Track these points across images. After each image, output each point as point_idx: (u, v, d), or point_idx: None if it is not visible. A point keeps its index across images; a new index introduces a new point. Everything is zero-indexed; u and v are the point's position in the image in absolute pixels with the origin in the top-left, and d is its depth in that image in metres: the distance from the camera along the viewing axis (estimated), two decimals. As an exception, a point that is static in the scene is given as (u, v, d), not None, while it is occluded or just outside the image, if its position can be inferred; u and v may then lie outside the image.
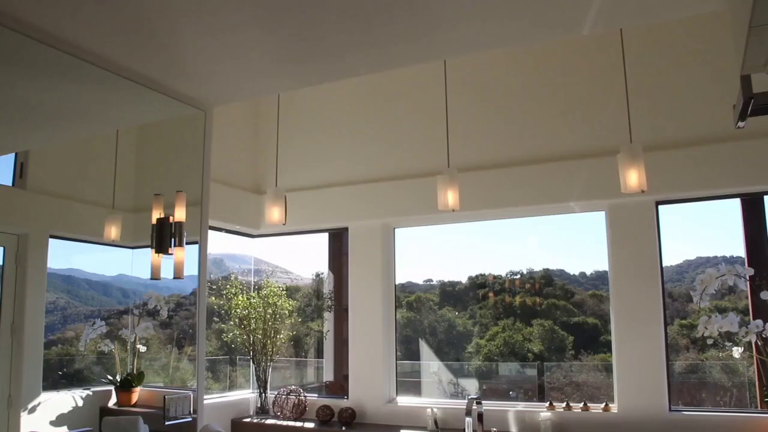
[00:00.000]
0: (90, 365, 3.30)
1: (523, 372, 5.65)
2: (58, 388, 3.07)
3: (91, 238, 3.29)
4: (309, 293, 6.26)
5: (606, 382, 5.06)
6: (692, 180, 4.43)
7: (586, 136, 4.79)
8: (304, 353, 6.39)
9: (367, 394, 5.37)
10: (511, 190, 4.97)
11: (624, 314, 4.58)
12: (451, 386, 5.72)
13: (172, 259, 3.42)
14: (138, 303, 3.53)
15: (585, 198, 4.74)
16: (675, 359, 4.78)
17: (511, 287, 5.83)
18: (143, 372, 3.50)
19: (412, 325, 6.03)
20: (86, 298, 3.30)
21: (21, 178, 2.83)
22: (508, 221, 5.47)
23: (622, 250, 4.63)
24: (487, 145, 5.14)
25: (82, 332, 3.21)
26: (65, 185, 3.16)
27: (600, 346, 5.36)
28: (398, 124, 5.55)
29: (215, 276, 5.82)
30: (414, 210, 5.31)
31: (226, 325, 5.70)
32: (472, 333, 5.90)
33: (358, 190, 5.56)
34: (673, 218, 4.66)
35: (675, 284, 5.03)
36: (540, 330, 5.64)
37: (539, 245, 5.76)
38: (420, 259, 6.06)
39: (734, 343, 4.33)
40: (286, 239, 6.25)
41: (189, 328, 3.76)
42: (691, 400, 4.80)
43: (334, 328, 5.99)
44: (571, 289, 5.68)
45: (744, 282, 4.27)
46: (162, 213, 3.39)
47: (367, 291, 5.49)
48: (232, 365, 6.08)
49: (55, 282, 3.09)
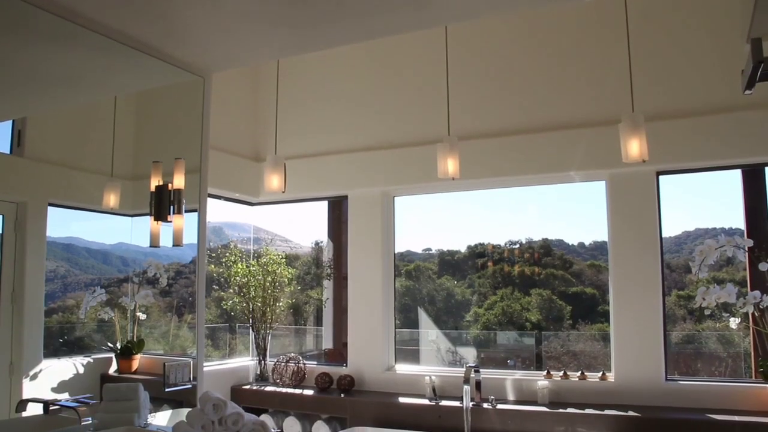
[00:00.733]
0: (90, 333, 3.31)
1: (521, 341, 5.68)
2: (59, 355, 3.09)
3: (90, 206, 3.28)
4: (308, 261, 6.27)
5: (603, 352, 5.10)
6: (693, 150, 4.42)
7: (587, 105, 4.76)
8: (304, 321, 6.42)
9: (365, 361, 5.41)
10: (512, 159, 4.95)
11: (623, 284, 4.60)
12: (450, 354, 5.77)
13: (171, 227, 3.41)
14: (138, 271, 3.53)
15: (585, 167, 4.72)
16: (672, 330, 4.82)
17: (509, 257, 5.84)
18: (143, 339, 3.52)
19: (410, 294, 6.06)
20: (86, 267, 3.30)
21: (19, 145, 2.81)
22: (508, 190, 5.46)
23: (622, 220, 4.63)
24: (488, 113, 5.11)
25: (83, 300, 3.22)
26: (63, 153, 3.14)
27: (597, 316, 5.38)
28: (398, 92, 5.51)
29: (215, 244, 5.83)
30: (414, 178, 5.30)
31: (226, 293, 5.72)
32: (470, 302, 5.93)
33: (358, 158, 5.54)
34: (673, 190, 4.65)
35: (673, 255, 5.05)
36: (538, 299, 5.67)
37: (539, 215, 5.76)
38: (419, 229, 6.06)
39: (731, 313, 4.35)
40: (286, 207, 6.24)
41: (189, 296, 3.77)
42: (686, 370, 4.84)
43: (334, 296, 6.01)
44: (570, 259, 5.69)
45: (743, 253, 4.28)
46: (161, 180, 3.38)
47: (366, 259, 5.51)
48: (231, 333, 6.12)
49: (55, 250, 3.09)
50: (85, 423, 2.87)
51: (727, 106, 4.32)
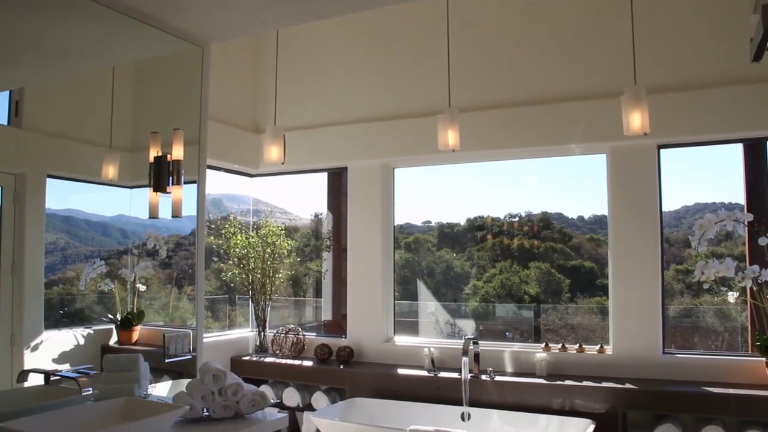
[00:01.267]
0: (91, 304, 3.31)
1: (520, 314, 5.71)
2: (59, 326, 3.09)
3: (89, 177, 3.26)
4: (308, 233, 6.27)
5: (601, 325, 5.12)
6: (695, 124, 4.39)
7: (588, 77, 4.72)
8: (303, 293, 6.44)
9: (365, 333, 5.44)
10: (512, 132, 4.92)
11: (622, 258, 4.60)
12: (448, 326, 5.80)
13: (170, 198, 3.40)
14: (137, 243, 3.53)
15: (586, 140, 4.70)
16: (669, 304, 4.84)
17: (509, 230, 5.84)
18: (143, 311, 3.52)
19: (410, 266, 6.07)
20: (86, 239, 3.29)
21: (16, 116, 2.78)
22: (508, 163, 5.44)
23: (622, 193, 4.62)
24: (488, 85, 5.07)
25: (83, 272, 3.22)
26: (62, 124, 3.12)
27: (596, 289, 5.40)
28: (399, 63, 5.46)
29: (214, 216, 5.82)
30: (414, 150, 5.27)
31: (225, 264, 5.72)
32: (469, 274, 5.95)
33: (358, 130, 5.51)
34: (673, 164, 4.64)
35: (672, 230, 5.05)
36: (537, 272, 5.68)
37: (538, 188, 5.75)
38: (418, 201, 6.06)
39: (729, 288, 4.37)
40: (285, 179, 6.22)
41: (188, 268, 3.78)
42: (683, 343, 4.87)
43: (333, 267, 6.02)
44: (569, 233, 5.69)
45: (742, 228, 4.28)
46: (159, 151, 3.36)
47: (365, 231, 5.50)
48: (231, 305, 6.14)
49: (54, 222, 3.08)
50: (85, 393, 2.89)
51: (729, 80, 4.28)
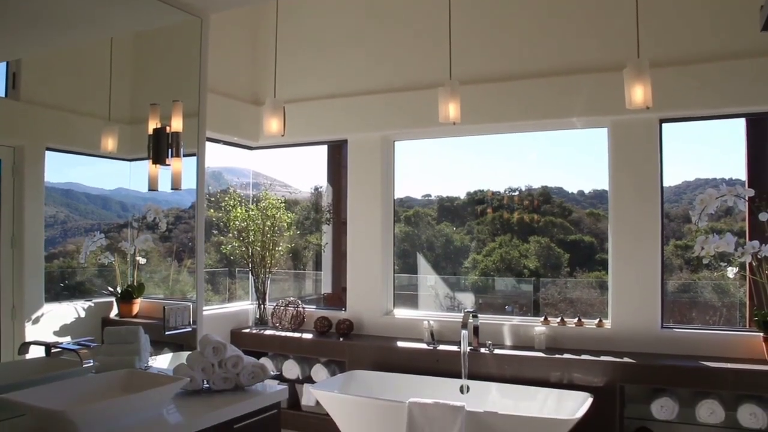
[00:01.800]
0: (91, 277, 3.31)
1: (519, 287, 5.73)
2: (60, 299, 3.10)
3: (88, 150, 3.24)
4: (307, 207, 6.26)
5: (600, 299, 5.14)
6: (698, 98, 4.36)
7: (591, 50, 4.68)
8: (303, 266, 6.46)
9: (364, 306, 5.46)
10: (514, 104, 4.89)
11: (622, 232, 4.60)
12: (448, 300, 5.82)
13: (169, 170, 3.39)
14: (137, 216, 3.52)
15: (588, 114, 4.67)
16: (668, 279, 4.85)
17: (509, 204, 5.84)
18: (143, 284, 3.53)
19: (409, 240, 6.07)
20: (86, 212, 3.28)
21: (14, 88, 2.76)
22: (509, 137, 5.42)
23: (623, 168, 4.61)
24: (490, 58, 5.02)
25: (83, 245, 3.22)
26: (60, 96, 3.09)
27: (595, 264, 5.41)
28: (400, 35, 5.41)
29: (213, 189, 5.81)
30: (414, 123, 5.25)
31: (225, 237, 5.72)
32: (469, 248, 5.95)
33: (358, 102, 5.47)
34: (674, 139, 4.61)
35: (672, 205, 5.04)
36: (536, 247, 5.69)
37: (539, 162, 5.74)
38: (418, 174, 6.05)
39: (729, 263, 4.37)
40: (285, 152, 6.20)
41: (188, 241, 3.77)
42: (681, 318, 4.90)
43: (333, 241, 6.02)
44: (569, 207, 5.69)
45: (743, 203, 4.27)
46: (158, 123, 3.34)
47: (365, 204, 5.50)
48: (231, 278, 6.15)
49: (54, 196, 3.06)
50: (86, 365, 2.90)
51: (733, 54, 4.25)
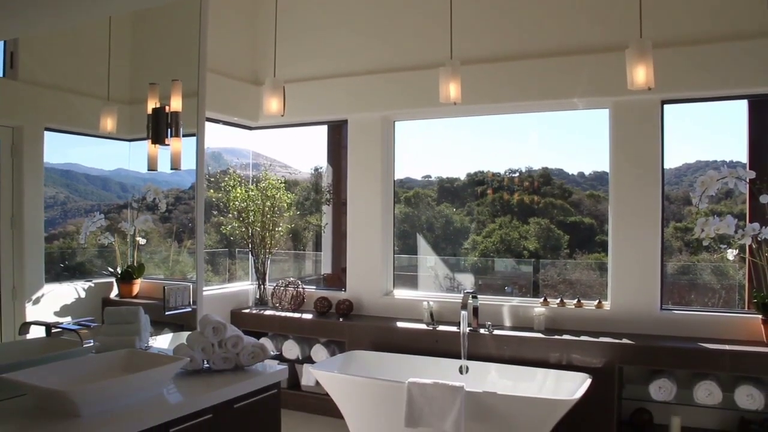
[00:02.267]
0: (91, 258, 3.31)
1: (519, 269, 5.74)
2: (60, 280, 3.10)
3: (87, 130, 3.22)
4: (307, 187, 6.25)
5: (599, 281, 5.15)
6: (700, 79, 4.34)
7: (593, 30, 4.65)
8: (303, 246, 6.46)
9: (364, 286, 5.47)
10: (515, 85, 4.87)
11: (622, 214, 4.60)
12: (447, 281, 5.83)
13: (168, 150, 3.37)
14: (137, 197, 3.51)
15: (589, 94, 4.65)
16: (667, 261, 4.85)
17: (509, 185, 5.83)
18: (143, 264, 3.53)
19: (409, 221, 6.07)
20: (85, 193, 3.27)
21: (12, 68, 2.73)
22: (509, 118, 5.40)
23: (624, 149, 4.59)
24: (491, 37, 4.99)
25: (82, 226, 3.21)
26: (58, 76, 3.06)
27: (595, 245, 5.42)
28: (400, 14, 5.36)
29: (213, 170, 5.79)
30: (415, 103, 5.22)
31: (225, 218, 5.72)
32: (469, 229, 5.95)
33: (359, 82, 5.44)
34: (675, 121, 4.59)
35: (673, 187, 5.03)
36: (536, 228, 5.69)
37: (539, 144, 5.72)
38: (419, 155, 6.03)
39: (728, 245, 4.37)
40: (285, 132, 6.17)
41: (188, 222, 3.77)
42: (680, 300, 4.91)
43: (333, 221, 6.02)
44: (569, 189, 5.68)
45: (744, 185, 4.26)
46: (158, 103, 3.32)
47: (365, 185, 5.49)
48: (231, 258, 6.16)
49: (54, 177, 3.05)
50: (86, 345, 2.91)
51: (737, 35, 4.22)
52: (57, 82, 3.05)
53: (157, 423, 2.37)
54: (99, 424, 2.19)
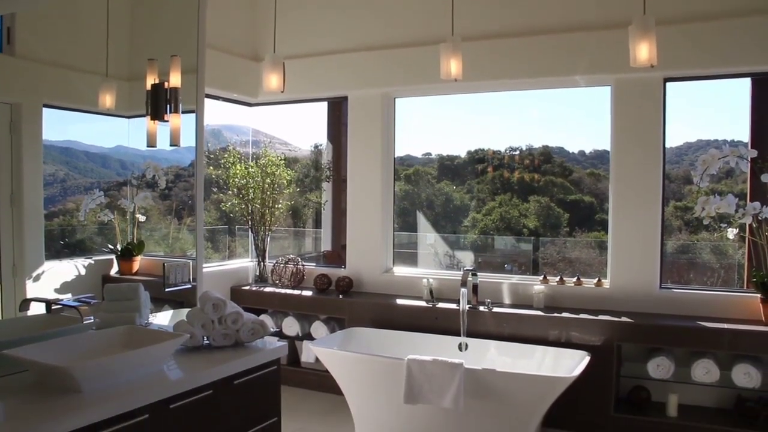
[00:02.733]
0: (91, 235, 3.31)
1: (518, 246, 5.74)
2: (60, 257, 3.10)
3: (86, 107, 3.20)
4: (307, 164, 6.24)
5: (598, 260, 5.16)
6: (703, 56, 4.30)
7: (595, 6, 4.61)
8: (303, 224, 6.46)
9: (364, 263, 5.48)
10: (516, 61, 4.83)
11: (623, 193, 4.59)
12: (447, 258, 5.84)
13: (168, 127, 3.36)
14: (137, 174, 3.50)
15: (591, 72, 4.62)
16: (667, 240, 4.85)
17: (509, 163, 5.81)
18: (143, 241, 3.53)
19: (409, 198, 6.07)
20: (85, 170, 3.26)
21: (9, 44, 2.70)
22: (510, 95, 5.37)
23: (626, 127, 4.57)
24: (493, 13, 4.95)
25: (82, 203, 3.21)
26: (56, 52, 3.03)
27: (594, 224, 5.42)
28: (401, -10, 5.31)
29: (213, 147, 5.77)
30: (415, 79, 5.19)
31: (225, 195, 5.71)
32: (469, 207, 5.95)
33: (359, 58, 5.41)
34: (677, 100, 4.56)
35: (673, 166, 5.02)
36: (536, 206, 5.69)
37: (540, 122, 5.69)
38: (419, 133, 6.01)
39: (729, 224, 4.37)
40: (285, 109, 6.15)
41: (188, 200, 3.76)
42: (679, 279, 4.92)
43: (333, 198, 6.02)
44: (570, 167, 5.67)
45: (745, 164, 4.25)
46: (157, 78, 3.30)
47: (365, 162, 5.47)
48: (231, 236, 6.16)
49: (53, 154, 3.04)
50: (87, 322, 2.92)
51: (741, 11, 4.18)
52: (55, 58, 3.02)
53: (157, 399, 2.38)
54: (100, 399, 2.20)
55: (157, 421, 2.39)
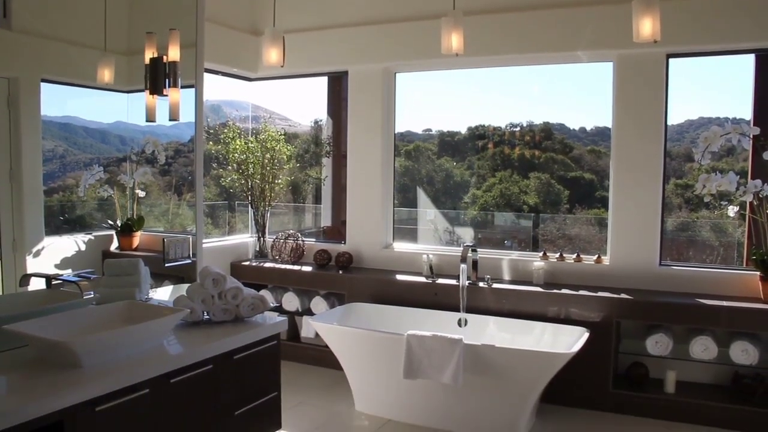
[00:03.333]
0: (91, 211, 3.31)
1: (518, 223, 5.74)
2: (60, 233, 3.10)
3: (85, 82, 3.17)
4: (307, 140, 6.21)
5: (598, 237, 5.16)
6: (707, 32, 4.26)
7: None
8: (303, 199, 6.45)
9: (364, 239, 5.48)
10: (518, 37, 4.79)
11: (623, 170, 4.57)
12: (447, 234, 5.84)
13: (167, 101, 3.34)
14: (136, 150, 3.49)
15: (594, 47, 4.58)
16: (667, 217, 4.85)
17: (510, 139, 5.79)
18: (143, 217, 3.52)
19: (409, 174, 6.05)
20: (84, 146, 3.25)
21: (5, 17, 2.67)
22: (511, 71, 5.33)
23: (628, 103, 4.54)
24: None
25: (82, 179, 3.20)
26: (53, 26, 3.00)
27: (594, 201, 5.41)
28: (403, -37, 5.25)
29: (213, 122, 5.74)
30: (416, 54, 5.15)
31: (225, 170, 5.70)
32: (469, 183, 5.94)
33: (359, 33, 5.36)
34: (679, 77, 4.52)
35: (674, 144, 5.00)
36: (536, 183, 5.68)
37: (541, 98, 5.66)
38: (419, 109, 5.97)
39: (729, 202, 4.36)
40: (284, 84, 6.10)
41: (188, 175, 3.76)
42: (678, 257, 4.92)
43: (333, 174, 6.00)
44: (570, 144, 5.65)
45: (747, 141, 4.23)
46: (155, 52, 3.27)
47: (366, 137, 5.45)
48: (230, 211, 6.15)
49: (52, 130, 3.02)
50: (87, 297, 2.93)
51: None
52: (52, 32, 3.00)
53: (157, 374, 2.40)
54: (100, 374, 2.21)
55: (158, 395, 2.41)
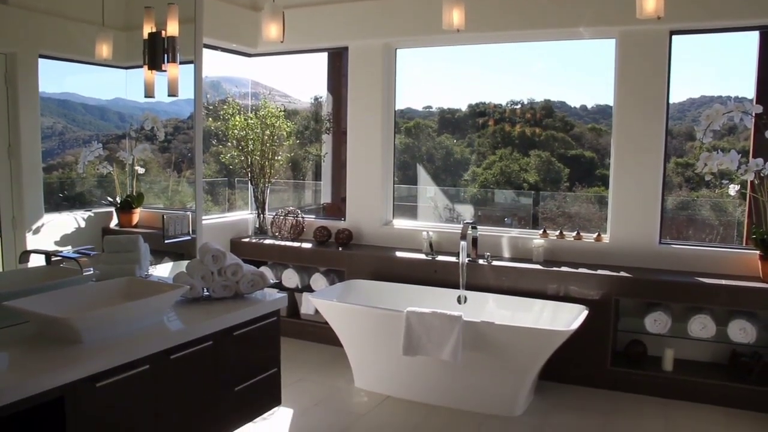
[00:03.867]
0: (90, 188, 3.30)
1: (519, 201, 5.74)
2: (60, 210, 3.09)
3: (83, 57, 3.15)
4: (307, 117, 6.18)
5: (598, 215, 5.16)
6: (711, 8, 4.22)
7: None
8: (302, 176, 6.44)
9: (363, 216, 5.47)
10: (520, 13, 4.74)
11: (624, 148, 4.56)
12: (447, 211, 5.84)
13: (165, 77, 3.32)
14: (135, 127, 3.47)
15: (596, 23, 4.53)
16: (667, 196, 4.84)
17: (510, 116, 5.76)
18: (142, 194, 3.52)
19: (409, 151, 6.03)
20: (83, 123, 3.23)
21: (2, -9, 2.65)
22: (512, 48, 5.29)
23: (630, 81, 4.51)
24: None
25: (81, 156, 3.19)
26: (51, 0, 2.98)
27: (595, 179, 5.40)
28: (404, -63, 5.18)
29: (212, 99, 5.71)
30: (417, 30, 5.10)
31: (224, 147, 5.68)
32: (469, 161, 5.92)
33: (360, 8, 5.31)
34: (682, 56, 4.49)
35: (676, 122, 4.98)
36: (537, 161, 5.66)
37: (542, 76, 5.62)
38: (420, 86, 5.94)
39: (730, 181, 4.35)
40: (284, 60, 6.06)
41: (187, 152, 3.74)
42: (678, 235, 4.92)
43: (333, 150, 5.98)
44: (571, 122, 5.62)
45: (749, 119, 4.20)
46: (154, 27, 3.25)
47: (366, 114, 5.42)
48: (230, 188, 6.14)
49: (51, 107, 3.01)
50: (86, 273, 2.94)
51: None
52: (49, 7, 2.97)
53: (157, 350, 2.41)
54: (100, 350, 2.23)
55: (158, 371, 2.42)
